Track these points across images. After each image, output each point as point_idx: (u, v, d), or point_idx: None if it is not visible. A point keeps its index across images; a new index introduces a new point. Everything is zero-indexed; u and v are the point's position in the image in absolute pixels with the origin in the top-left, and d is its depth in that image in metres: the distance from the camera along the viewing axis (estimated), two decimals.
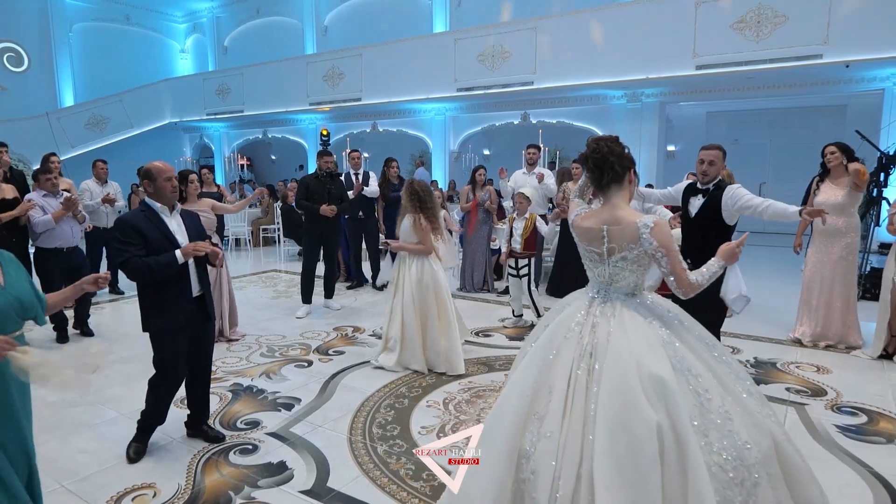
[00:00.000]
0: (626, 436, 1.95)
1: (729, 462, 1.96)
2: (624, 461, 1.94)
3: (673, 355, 2.13)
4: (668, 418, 1.97)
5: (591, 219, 2.37)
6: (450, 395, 4.02)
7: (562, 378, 2.18)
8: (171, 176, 3.14)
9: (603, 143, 2.36)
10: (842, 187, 4.93)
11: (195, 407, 3.42)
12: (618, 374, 2.06)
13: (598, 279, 2.39)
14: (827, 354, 4.87)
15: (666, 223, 2.26)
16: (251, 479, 2.97)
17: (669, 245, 2.22)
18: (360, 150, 7.50)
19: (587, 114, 12.48)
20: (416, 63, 12.80)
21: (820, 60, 8.77)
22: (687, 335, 2.26)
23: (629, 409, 1.98)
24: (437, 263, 4.59)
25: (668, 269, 2.24)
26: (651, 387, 2.01)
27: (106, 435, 3.48)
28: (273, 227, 11.99)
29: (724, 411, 2.05)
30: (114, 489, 2.88)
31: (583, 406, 2.09)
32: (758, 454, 2.01)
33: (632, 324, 2.21)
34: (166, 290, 3.09)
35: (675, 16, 9.82)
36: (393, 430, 3.51)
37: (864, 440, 3.36)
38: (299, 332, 5.60)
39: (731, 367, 2.25)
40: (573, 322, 2.30)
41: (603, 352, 2.15)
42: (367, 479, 2.96)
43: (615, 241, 2.28)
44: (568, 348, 2.24)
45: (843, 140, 5.43)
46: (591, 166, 2.36)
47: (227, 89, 16.36)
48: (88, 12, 17.42)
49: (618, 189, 2.35)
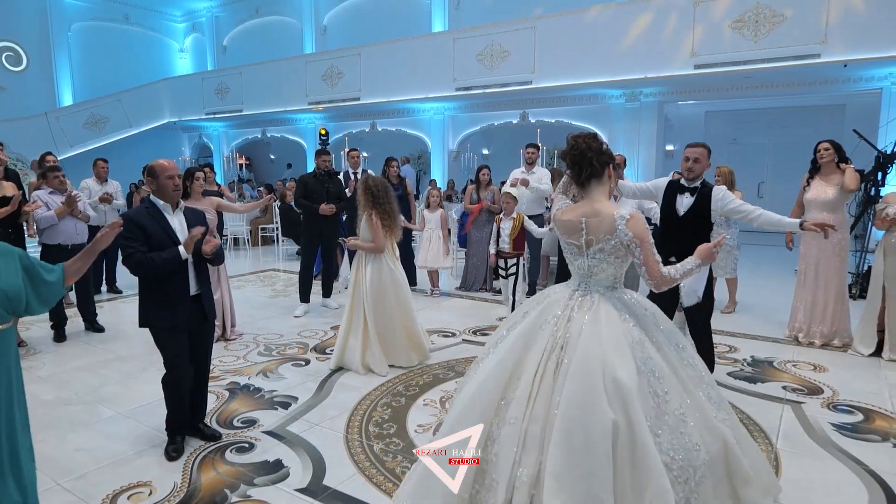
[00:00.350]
0: (583, 431, 2.06)
1: (675, 461, 2.08)
2: (577, 455, 2.04)
3: (640, 355, 2.21)
4: (626, 420, 2.06)
5: (571, 212, 2.46)
6: (446, 393, 4.02)
7: (531, 367, 2.28)
8: (174, 174, 3.16)
9: (581, 140, 2.42)
10: (832, 185, 4.95)
11: (191, 406, 3.41)
12: (583, 373, 2.15)
13: (579, 272, 2.47)
14: (824, 353, 4.87)
15: (641, 216, 2.34)
16: (247, 477, 2.97)
17: (644, 237, 2.29)
18: (358, 150, 7.49)
19: (586, 113, 12.48)
20: (415, 62, 12.81)
21: (818, 60, 8.78)
22: (658, 335, 2.33)
23: (589, 407, 2.08)
24: (394, 262, 4.56)
25: (641, 260, 2.31)
26: (613, 389, 2.09)
27: (103, 433, 3.48)
28: (271, 226, 11.99)
29: (681, 413, 2.15)
30: (109, 487, 2.88)
31: (547, 397, 2.19)
32: (706, 456, 2.13)
33: (606, 320, 2.29)
34: (167, 288, 3.12)
35: (674, 15, 9.84)
36: (389, 428, 3.51)
37: (860, 438, 3.36)
38: (297, 330, 5.60)
39: (695, 371, 2.33)
40: (551, 314, 2.39)
41: (573, 346, 2.24)
42: (363, 477, 2.96)
43: (593, 232, 2.36)
44: (542, 339, 2.33)
45: (842, 139, 5.44)
46: (569, 163, 2.43)
47: (226, 89, 16.36)
48: (87, 12, 17.42)
49: (597, 184, 2.42)
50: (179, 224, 3.20)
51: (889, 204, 4.70)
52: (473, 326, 5.64)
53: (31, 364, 4.68)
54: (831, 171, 5.00)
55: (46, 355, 4.95)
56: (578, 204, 2.47)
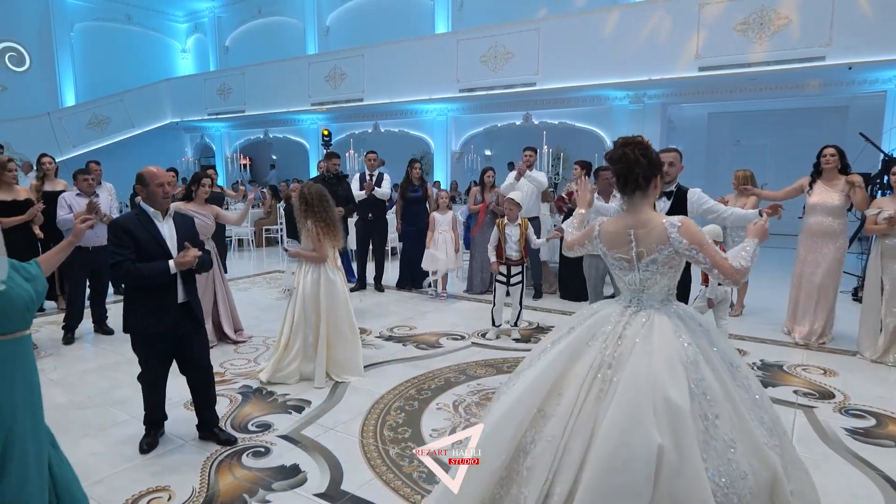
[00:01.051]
0: (626, 450, 1.95)
1: (720, 488, 1.97)
2: (616, 472, 1.95)
3: (693, 376, 2.09)
4: (674, 444, 1.95)
5: (617, 223, 2.36)
6: (459, 397, 4.04)
7: (575, 384, 2.18)
8: (164, 182, 3.17)
9: (630, 152, 2.28)
10: (837, 191, 5.01)
11: (202, 413, 3.45)
12: (632, 390, 2.05)
13: (630, 287, 2.35)
14: (832, 357, 4.89)
15: (692, 221, 2.25)
16: (265, 481, 2.98)
17: (701, 240, 2.19)
18: (375, 152, 7.50)
19: (589, 115, 12.50)
20: (419, 64, 12.82)
21: (823, 62, 8.80)
22: (713, 354, 2.21)
23: (634, 426, 1.98)
24: (334, 272, 4.41)
25: (709, 264, 2.20)
26: (664, 410, 1.99)
27: (116, 437, 3.49)
28: (275, 227, 11.99)
29: (730, 439, 2.03)
30: (128, 492, 2.89)
31: (591, 416, 2.09)
32: (753, 485, 2.00)
33: (659, 338, 2.17)
34: (154, 296, 3.14)
35: (678, 17, 9.85)
36: (404, 432, 3.52)
37: (873, 443, 3.38)
38: None
39: (749, 393, 2.20)
40: (600, 330, 2.28)
41: (623, 364, 2.13)
42: (380, 481, 2.97)
43: (643, 244, 2.26)
44: (589, 355, 2.23)
45: (845, 141, 5.48)
46: (616, 173, 2.32)
47: (229, 89, 16.37)
48: (89, 12, 17.41)
49: (642, 196, 2.32)
50: (169, 231, 3.22)
51: (882, 209, 4.71)
52: (482, 329, 5.64)
53: (41, 367, 4.66)
54: (834, 176, 5.05)
55: (55, 358, 4.95)
56: (622, 215, 2.38)
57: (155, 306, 3.14)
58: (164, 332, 3.18)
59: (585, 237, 2.55)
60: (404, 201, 7.54)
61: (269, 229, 12.26)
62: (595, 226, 2.46)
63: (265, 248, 12.08)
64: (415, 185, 7.51)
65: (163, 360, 3.32)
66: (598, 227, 2.44)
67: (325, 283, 4.32)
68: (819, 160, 5.12)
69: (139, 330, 3.19)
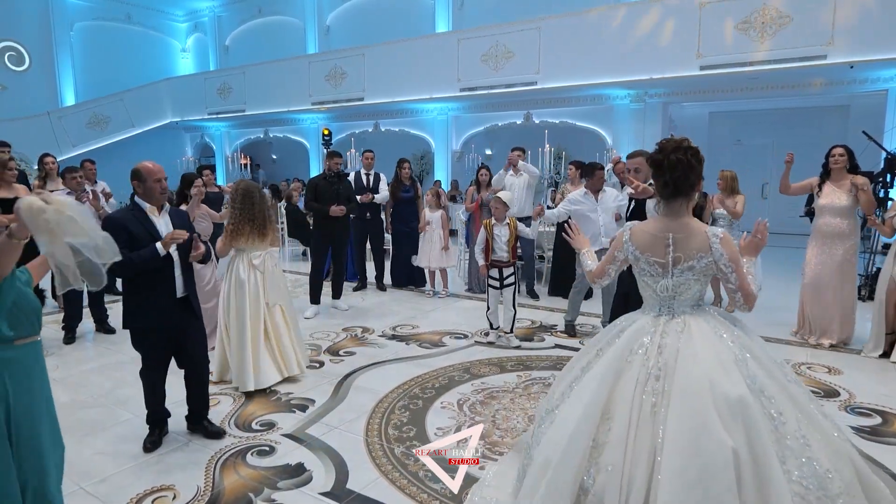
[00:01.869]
0: (699, 461, 1.81)
1: (811, 492, 1.83)
2: (695, 488, 1.78)
3: (747, 374, 1.99)
4: (747, 443, 1.82)
5: (654, 226, 2.29)
6: (464, 396, 4.03)
7: (623, 404, 2.04)
8: (161, 177, 3.20)
9: (683, 156, 2.15)
10: (844, 191, 4.98)
11: (193, 404, 3.48)
12: (689, 396, 1.92)
13: (660, 295, 2.25)
14: (837, 355, 4.88)
15: (730, 236, 2.19)
16: (270, 480, 2.97)
17: (738, 259, 2.15)
18: (373, 152, 7.50)
19: (590, 114, 12.49)
20: (419, 63, 12.80)
21: (824, 61, 8.79)
22: (758, 351, 2.13)
23: (702, 433, 1.83)
24: (248, 271, 4.20)
25: (736, 285, 2.15)
26: (727, 409, 1.86)
27: (121, 436, 3.47)
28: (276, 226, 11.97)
29: (802, 436, 1.91)
30: (133, 491, 2.88)
31: (649, 433, 1.94)
32: (841, 484, 1.88)
33: (701, 340, 2.09)
34: (153, 290, 3.17)
35: (680, 16, 9.84)
36: (409, 431, 3.51)
37: (879, 441, 3.37)
38: (308, 332, 5.59)
39: (801, 388, 2.12)
40: (636, 344, 2.17)
41: (671, 373, 2.02)
42: (386, 480, 2.96)
43: (681, 249, 2.18)
44: (631, 373, 2.10)
45: (848, 141, 5.46)
46: (667, 180, 2.18)
47: (229, 89, 16.34)
48: (89, 11, 17.38)
49: (684, 200, 2.24)
50: (165, 227, 3.24)
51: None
52: (484, 328, 5.63)
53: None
54: (842, 177, 5.01)
55: (57, 357, 4.94)
56: (659, 218, 2.27)
57: (154, 301, 3.16)
58: (164, 326, 3.20)
59: (614, 251, 2.45)
60: (395, 201, 7.53)
61: None
62: (624, 231, 2.39)
63: None
64: (406, 184, 7.52)
65: (162, 355, 3.33)
66: (629, 231, 2.35)
67: (234, 280, 4.18)
68: (827, 160, 5.08)
69: (139, 325, 3.21)
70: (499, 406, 3.84)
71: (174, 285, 3.22)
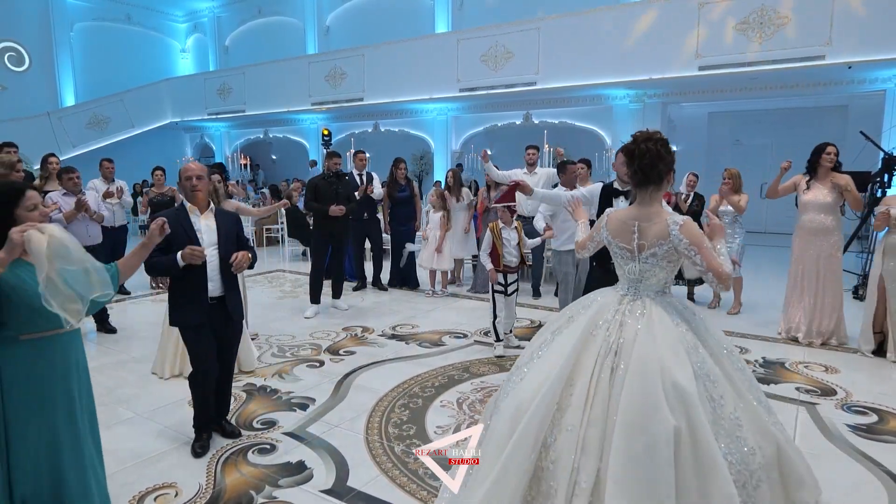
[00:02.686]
0: (644, 437, 2.01)
1: (733, 466, 2.05)
2: (639, 461, 2.00)
3: (695, 360, 2.18)
4: (688, 425, 2.02)
5: (625, 214, 2.46)
6: (463, 394, 4.05)
7: (585, 372, 2.23)
8: (192, 175, 3.21)
9: (653, 146, 2.31)
10: (828, 188, 5.06)
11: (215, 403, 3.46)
12: (641, 377, 2.11)
13: (629, 276, 2.43)
14: (834, 354, 4.91)
15: (692, 222, 2.28)
16: (271, 478, 2.99)
17: (701, 241, 2.25)
18: (365, 152, 7.52)
19: (590, 114, 12.52)
20: (419, 63, 12.82)
21: (823, 62, 8.82)
22: (710, 340, 2.30)
23: (649, 412, 2.04)
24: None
25: (704, 266, 2.25)
26: (674, 394, 2.05)
27: (123, 435, 3.50)
28: (276, 226, 12.00)
29: (735, 417, 2.13)
30: (135, 489, 2.90)
31: (604, 402, 2.15)
32: (762, 460, 2.11)
33: (660, 325, 2.25)
34: (186, 289, 3.19)
35: (678, 17, 9.86)
36: (409, 429, 3.54)
37: (877, 439, 3.40)
38: (308, 332, 5.62)
39: (745, 375, 2.31)
40: (601, 319, 2.35)
41: (628, 352, 2.19)
42: (386, 478, 2.99)
43: (645, 237, 2.34)
44: (594, 345, 2.28)
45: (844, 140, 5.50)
46: (636, 168, 2.35)
47: (229, 89, 16.36)
48: (89, 12, 17.40)
49: (655, 190, 2.38)
50: (207, 227, 3.23)
51: (891, 206, 4.77)
52: (484, 327, 5.65)
53: None
54: (828, 175, 5.10)
55: None
56: (631, 207, 2.46)
57: (189, 299, 3.18)
58: (203, 322, 3.19)
59: (594, 232, 2.63)
60: (392, 203, 7.56)
61: (270, 228, 12.26)
62: (604, 216, 2.55)
63: (266, 247, 12.08)
64: (401, 184, 7.55)
65: (208, 352, 3.24)
66: (606, 217, 2.53)
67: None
68: (817, 157, 5.12)
69: (180, 322, 3.25)
70: None
71: (205, 286, 3.17)
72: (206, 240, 3.20)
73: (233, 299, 3.29)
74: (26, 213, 2.07)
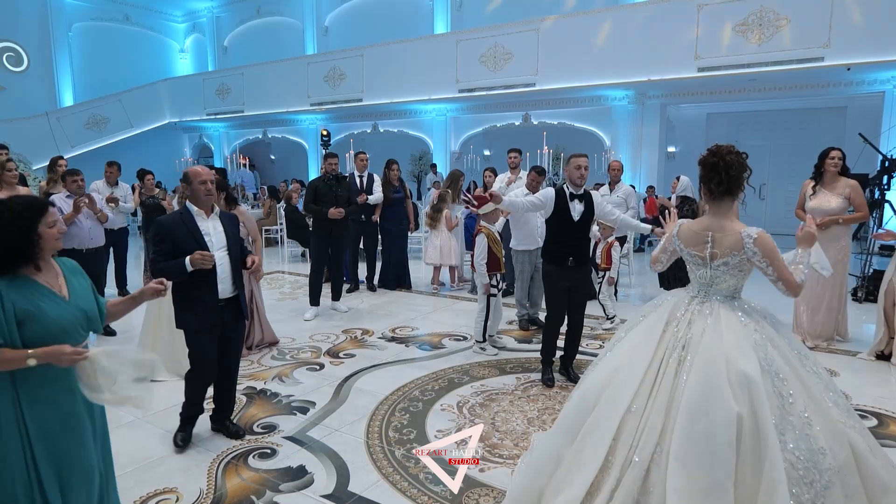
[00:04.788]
0: (706, 419, 2.14)
1: (800, 461, 2.10)
2: (699, 442, 2.13)
3: (763, 357, 2.27)
4: (751, 412, 2.13)
5: (698, 224, 2.58)
6: (463, 398, 4.05)
7: (654, 364, 2.39)
8: (206, 179, 3.23)
9: (737, 158, 2.45)
10: (835, 194, 5.00)
11: (218, 402, 3.52)
12: (706, 366, 2.25)
13: (700, 281, 2.56)
14: (833, 357, 4.91)
15: (768, 235, 2.40)
16: (272, 483, 3.00)
17: (774, 254, 2.39)
18: (366, 153, 7.52)
19: (588, 115, 12.54)
20: (418, 64, 12.82)
21: (821, 63, 8.83)
22: (780, 341, 2.38)
23: (712, 397, 2.17)
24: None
25: (776, 276, 2.40)
26: (737, 381, 2.17)
27: (125, 438, 3.49)
28: (275, 228, 11.99)
29: (806, 416, 2.18)
30: (136, 493, 2.90)
31: (669, 390, 2.29)
32: (832, 461, 2.13)
33: (726, 324, 2.37)
34: (193, 293, 3.21)
35: (677, 18, 9.87)
36: (409, 433, 3.54)
37: None
38: (308, 334, 5.62)
39: (820, 379, 2.35)
40: (672, 316, 2.51)
41: (696, 346, 2.33)
42: (387, 483, 2.99)
43: (718, 246, 2.46)
44: (665, 338, 2.44)
45: (843, 142, 5.49)
46: (722, 179, 2.43)
47: (228, 89, 16.35)
48: (88, 12, 17.38)
49: (730, 200, 2.50)
50: (214, 229, 3.26)
51: None
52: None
53: None
54: (835, 179, 5.04)
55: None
56: (704, 217, 2.56)
57: (196, 303, 3.19)
58: (206, 327, 3.21)
59: (666, 243, 2.77)
60: (386, 203, 7.54)
61: (269, 230, 12.25)
62: (675, 227, 2.69)
63: (265, 248, 12.07)
64: (395, 185, 7.57)
65: (209, 354, 3.30)
66: (678, 228, 2.66)
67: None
68: (823, 162, 5.09)
69: (189, 325, 3.25)
70: (498, 408, 3.87)
71: (215, 289, 3.21)
72: (216, 242, 3.23)
73: (242, 299, 3.37)
74: (47, 229, 2.07)
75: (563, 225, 4.19)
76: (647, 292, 7.11)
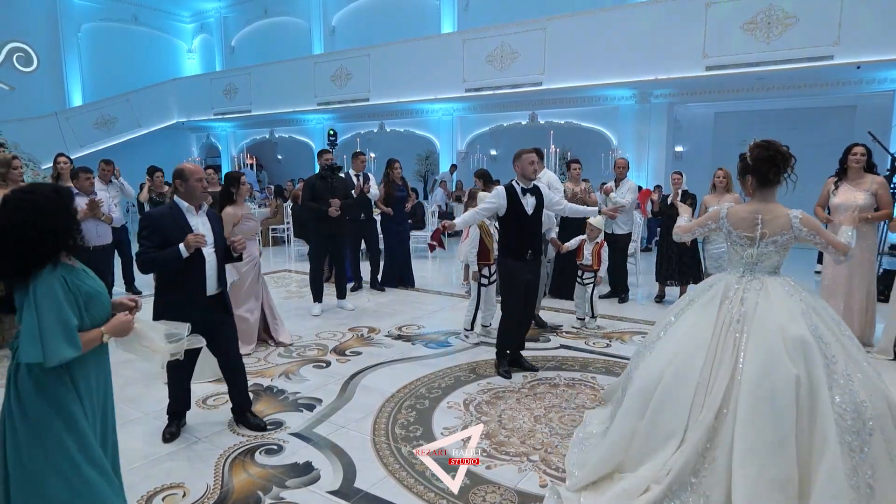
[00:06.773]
0: (768, 383, 2.44)
1: (848, 413, 2.40)
2: (764, 403, 2.42)
3: (810, 324, 2.57)
4: (806, 372, 2.44)
5: (746, 208, 2.88)
6: (469, 396, 4.05)
7: (713, 339, 2.68)
8: (202, 177, 3.31)
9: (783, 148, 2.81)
10: (861, 190, 4.92)
11: (234, 398, 3.57)
12: (764, 336, 2.55)
13: (745, 260, 2.85)
14: None
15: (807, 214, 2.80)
16: (279, 479, 3.00)
17: (819, 227, 2.78)
18: (365, 154, 7.55)
19: (595, 114, 12.50)
20: (424, 63, 12.83)
21: (831, 62, 8.77)
22: (820, 311, 2.68)
23: (772, 363, 2.47)
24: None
25: (825, 243, 2.79)
26: (793, 346, 2.48)
27: (131, 434, 3.50)
28: (282, 226, 12.02)
29: (847, 374, 2.48)
30: (143, 489, 2.91)
31: (731, 361, 2.59)
32: (873, 411, 2.43)
33: (776, 296, 2.69)
34: (183, 290, 3.24)
35: (685, 17, 9.83)
36: (416, 430, 3.53)
37: None
38: (314, 332, 5.63)
39: (854, 343, 2.66)
40: (723, 295, 2.79)
41: (750, 320, 2.64)
42: (393, 479, 2.99)
43: (768, 227, 2.77)
44: (720, 316, 2.73)
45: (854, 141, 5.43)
46: (780, 168, 2.77)
47: (235, 89, 16.42)
48: (97, 12, 17.50)
49: (775, 186, 2.83)
50: (203, 225, 3.32)
51: None
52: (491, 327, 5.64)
53: None
54: (860, 175, 4.98)
55: None
56: (750, 202, 2.87)
57: (184, 299, 3.21)
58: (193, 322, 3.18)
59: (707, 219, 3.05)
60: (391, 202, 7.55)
61: (276, 229, 12.29)
62: (721, 209, 2.95)
63: (272, 247, 12.10)
64: (398, 185, 7.59)
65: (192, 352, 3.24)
66: (726, 210, 2.92)
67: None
68: (846, 158, 5.04)
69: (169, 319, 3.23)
70: (504, 406, 3.86)
71: (203, 284, 3.29)
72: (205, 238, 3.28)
73: (226, 296, 3.48)
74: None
75: (518, 220, 4.33)
76: (653, 291, 7.08)
